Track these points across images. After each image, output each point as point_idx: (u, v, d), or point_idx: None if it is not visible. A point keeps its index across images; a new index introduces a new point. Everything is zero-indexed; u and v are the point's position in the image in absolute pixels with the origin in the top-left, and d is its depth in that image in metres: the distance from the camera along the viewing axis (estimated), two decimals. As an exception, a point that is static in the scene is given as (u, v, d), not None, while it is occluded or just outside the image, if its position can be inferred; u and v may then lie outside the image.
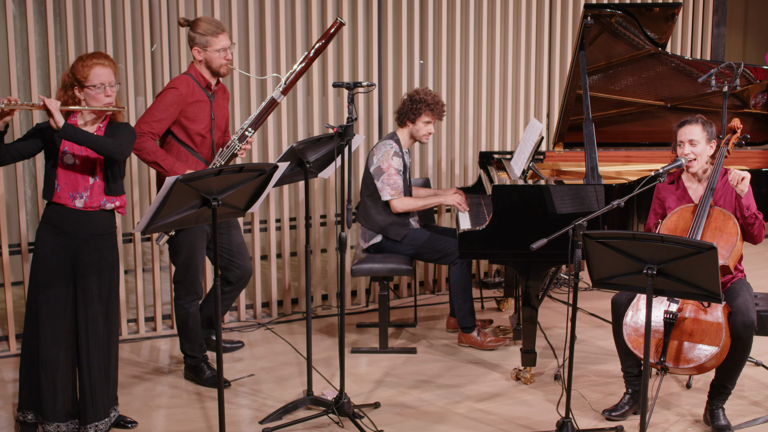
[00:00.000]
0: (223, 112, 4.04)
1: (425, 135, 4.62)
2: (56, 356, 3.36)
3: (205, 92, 3.92)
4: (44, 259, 3.34)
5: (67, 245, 3.33)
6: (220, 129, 4.02)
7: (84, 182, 3.31)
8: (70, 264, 3.35)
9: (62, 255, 3.34)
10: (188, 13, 4.86)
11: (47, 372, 3.36)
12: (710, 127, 3.63)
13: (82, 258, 3.36)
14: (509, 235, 3.93)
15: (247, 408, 3.85)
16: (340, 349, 3.69)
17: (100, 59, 3.31)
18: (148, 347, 4.69)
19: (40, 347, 3.35)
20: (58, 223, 3.33)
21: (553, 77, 6.02)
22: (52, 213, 3.34)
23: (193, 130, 3.87)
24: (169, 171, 3.76)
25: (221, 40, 3.85)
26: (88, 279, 3.37)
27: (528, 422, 3.68)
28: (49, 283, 3.33)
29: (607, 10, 4.39)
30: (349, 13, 5.38)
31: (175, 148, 3.88)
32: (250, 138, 3.88)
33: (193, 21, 3.87)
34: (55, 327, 3.35)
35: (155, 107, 3.80)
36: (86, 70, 3.27)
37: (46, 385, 3.37)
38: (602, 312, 5.21)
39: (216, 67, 3.88)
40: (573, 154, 5.12)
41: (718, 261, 2.86)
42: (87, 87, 3.27)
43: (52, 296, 3.34)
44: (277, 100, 3.90)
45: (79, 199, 3.31)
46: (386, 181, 4.52)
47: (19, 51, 4.78)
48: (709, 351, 3.32)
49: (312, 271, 5.30)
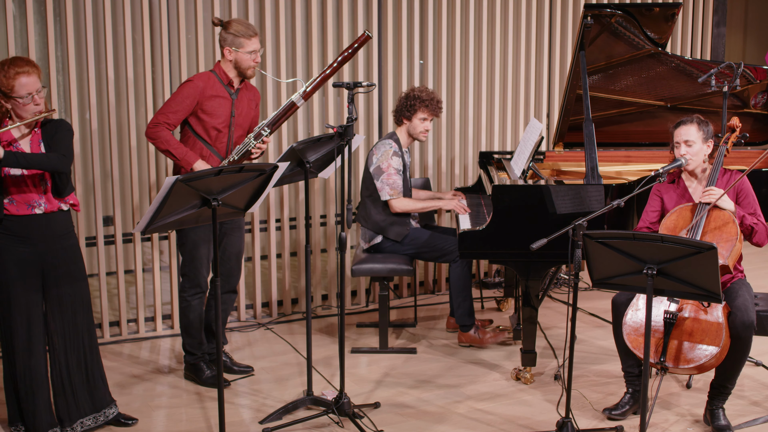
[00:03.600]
0: (247, 111, 4.06)
1: (422, 132, 4.63)
2: (35, 366, 3.32)
3: (227, 89, 3.96)
4: (10, 271, 3.25)
5: (33, 252, 3.27)
6: (242, 128, 4.03)
7: (37, 192, 3.25)
8: (39, 270, 3.30)
9: (30, 263, 3.27)
10: (188, 13, 4.86)
11: (26, 383, 3.32)
12: (706, 127, 3.63)
13: (52, 261, 3.31)
14: (509, 235, 3.93)
15: (247, 408, 3.85)
16: (340, 349, 3.69)
17: (23, 67, 3.13)
18: (148, 347, 4.69)
19: (17, 359, 3.30)
20: (20, 232, 3.24)
21: (553, 77, 6.02)
22: (12, 224, 3.23)
23: (209, 123, 3.92)
24: (181, 159, 3.84)
25: (253, 43, 3.91)
26: (59, 282, 3.33)
27: (528, 422, 3.68)
28: (19, 293, 3.26)
29: (607, 10, 4.39)
30: (349, 13, 5.38)
31: (191, 139, 3.95)
32: (266, 137, 3.90)
33: (226, 21, 3.93)
34: (31, 336, 3.30)
35: (172, 99, 3.89)
36: (10, 82, 3.11)
37: (25, 397, 3.33)
38: (602, 312, 5.21)
39: (244, 68, 3.93)
40: (573, 154, 5.12)
41: (718, 261, 2.86)
42: (14, 98, 3.13)
43: (24, 306, 3.27)
44: (296, 103, 3.93)
45: (38, 207, 3.26)
46: (385, 181, 4.52)
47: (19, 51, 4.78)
48: (709, 351, 3.32)
49: (312, 271, 5.30)
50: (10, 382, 3.37)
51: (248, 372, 4.27)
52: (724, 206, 3.50)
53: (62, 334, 3.38)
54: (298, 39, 5.18)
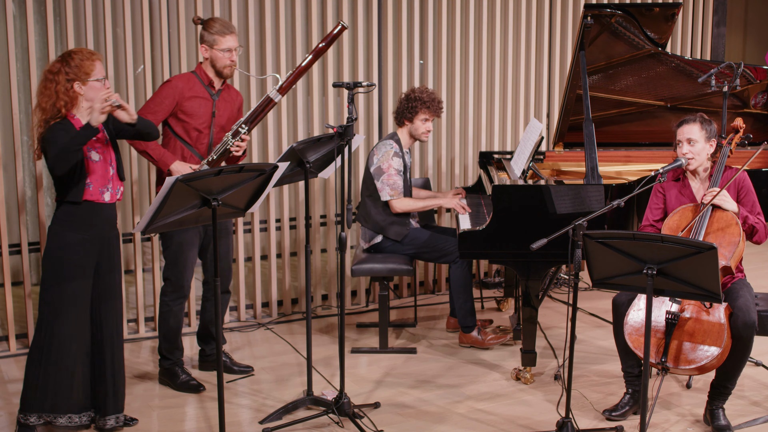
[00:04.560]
0: (229, 113, 4.04)
1: (424, 133, 4.63)
2: (77, 350, 3.39)
3: (208, 90, 3.94)
4: (67, 254, 3.34)
5: (93, 240, 3.38)
6: (224, 129, 4.01)
7: (107, 175, 3.39)
8: (95, 259, 3.40)
9: (88, 250, 3.37)
10: (188, 14, 4.85)
11: (66, 365, 3.37)
12: (709, 126, 3.63)
13: (109, 251, 3.43)
14: (509, 235, 3.93)
15: (247, 408, 3.85)
16: (340, 349, 3.69)
17: (96, 54, 3.35)
18: (148, 347, 4.69)
19: (62, 341, 3.36)
20: (87, 220, 3.35)
21: (553, 77, 6.02)
22: (81, 211, 3.34)
23: (190, 125, 3.90)
24: (158, 161, 3.83)
25: (228, 41, 3.88)
26: (112, 272, 3.45)
27: (528, 422, 3.68)
28: (73, 276, 3.35)
29: (607, 10, 4.39)
30: (349, 13, 5.38)
31: (171, 140, 3.93)
32: (244, 135, 3.85)
33: (206, 20, 3.93)
34: (78, 320, 3.38)
35: (151, 100, 3.89)
36: (90, 65, 3.29)
37: (62, 379, 3.38)
38: (602, 312, 5.21)
39: (220, 66, 3.91)
40: (573, 154, 5.12)
41: (718, 261, 2.86)
42: (92, 81, 3.29)
43: (77, 290, 3.37)
44: (273, 99, 3.89)
45: (106, 193, 3.39)
46: (386, 181, 4.52)
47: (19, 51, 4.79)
48: (711, 351, 3.32)
49: (312, 271, 5.30)
50: (37, 367, 3.38)
51: (248, 372, 4.27)
52: (727, 207, 3.50)
53: (108, 323, 3.46)
54: (298, 40, 5.18)
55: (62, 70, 3.27)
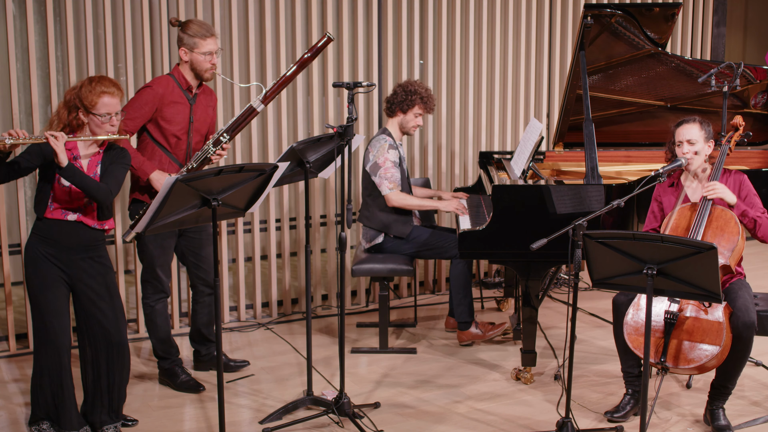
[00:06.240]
0: (204, 116, 3.99)
1: (413, 127, 4.67)
2: (64, 361, 3.35)
3: (185, 94, 3.89)
4: (37, 264, 3.30)
5: (58, 255, 3.31)
6: (200, 133, 3.97)
7: (78, 202, 3.30)
8: (65, 273, 3.34)
9: (55, 263, 3.32)
10: (188, 14, 4.86)
11: (60, 376, 3.34)
12: (708, 127, 3.64)
13: (75, 266, 3.34)
14: (509, 235, 3.93)
15: (247, 408, 3.85)
16: (340, 349, 3.69)
17: (109, 87, 3.25)
18: (148, 347, 4.68)
19: (60, 349, 3.32)
20: (50, 235, 3.30)
21: (553, 77, 6.02)
22: (44, 226, 3.30)
23: (168, 130, 3.85)
24: (137, 169, 3.77)
25: (208, 44, 3.83)
26: (84, 282, 3.36)
27: (528, 422, 3.68)
28: (45, 285, 3.31)
29: (607, 10, 4.39)
30: (349, 13, 5.38)
31: (150, 146, 3.88)
32: (225, 144, 3.80)
33: (184, 22, 3.86)
34: (62, 326, 3.34)
35: (129, 105, 3.81)
36: (95, 98, 3.21)
37: (59, 392, 3.35)
38: (602, 312, 5.21)
39: (200, 70, 3.86)
40: (573, 154, 5.12)
41: (718, 261, 2.86)
42: (93, 114, 3.23)
43: (51, 297, 3.32)
44: (256, 108, 3.83)
45: (71, 214, 3.30)
46: (383, 175, 4.53)
47: (19, 51, 4.78)
48: (710, 351, 3.32)
49: (312, 271, 5.30)
50: (40, 378, 3.37)
51: (244, 365, 4.27)
52: (727, 198, 3.49)
53: (97, 327, 3.39)
54: (297, 41, 5.18)
55: (73, 94, 3.27)
